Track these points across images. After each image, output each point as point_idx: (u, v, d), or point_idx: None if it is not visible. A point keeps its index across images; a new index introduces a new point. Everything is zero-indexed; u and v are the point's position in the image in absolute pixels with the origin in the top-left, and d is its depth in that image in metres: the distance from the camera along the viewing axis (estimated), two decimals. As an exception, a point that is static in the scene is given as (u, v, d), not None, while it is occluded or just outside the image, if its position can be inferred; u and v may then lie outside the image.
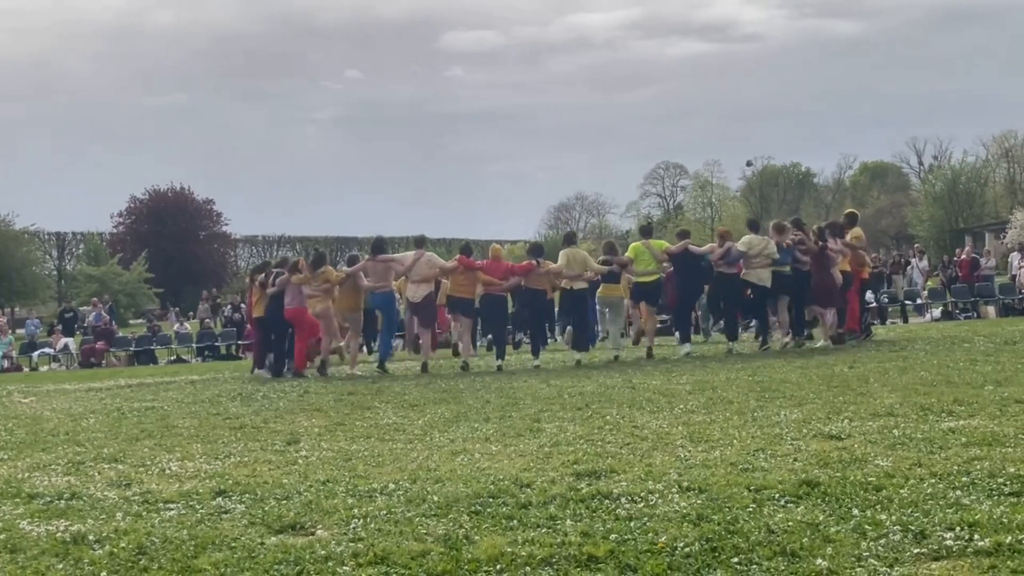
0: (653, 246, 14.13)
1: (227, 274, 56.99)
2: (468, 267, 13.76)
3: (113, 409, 10.30)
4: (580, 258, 13.76)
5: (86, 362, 23.91)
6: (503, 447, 6.45)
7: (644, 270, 14.00)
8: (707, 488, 4.82)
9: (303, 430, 7.80)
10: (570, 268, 13.54)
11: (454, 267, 13.78)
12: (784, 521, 4.19)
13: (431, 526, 4.45)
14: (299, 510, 4.86)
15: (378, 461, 6.17)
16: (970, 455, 5.24)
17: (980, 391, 7.73)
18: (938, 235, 52.56)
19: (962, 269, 25.38)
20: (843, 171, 79.27)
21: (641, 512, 4.48)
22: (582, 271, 13.68)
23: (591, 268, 13.80)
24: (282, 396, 10.69)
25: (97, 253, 50.41)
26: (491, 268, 13.77)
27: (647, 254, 13.96)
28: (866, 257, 14.27)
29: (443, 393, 10.26)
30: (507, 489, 5.05)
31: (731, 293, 14.10)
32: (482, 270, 13.74)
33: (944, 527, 3.98)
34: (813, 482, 4.80)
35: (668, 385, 9.70)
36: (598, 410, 8.02)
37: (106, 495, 5.47)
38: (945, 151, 69.23)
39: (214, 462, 6.44)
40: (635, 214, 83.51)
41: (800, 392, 8.42)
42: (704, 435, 6.42)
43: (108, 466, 6.47)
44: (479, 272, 13.73)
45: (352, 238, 68.30)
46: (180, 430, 8.19)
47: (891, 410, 6.99)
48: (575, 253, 13.77)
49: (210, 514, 4.91)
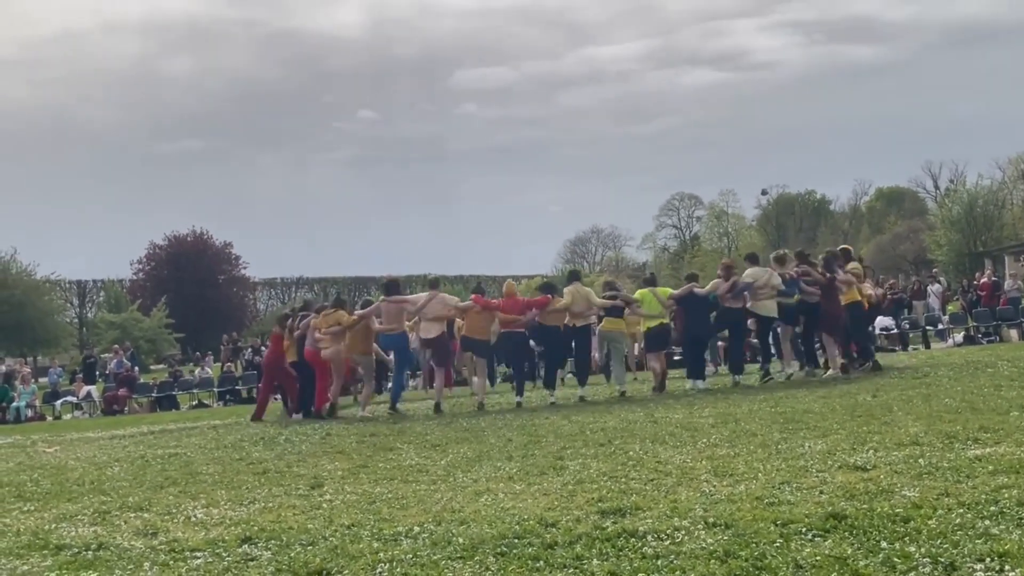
0: (660, 293, 14.19)
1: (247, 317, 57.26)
2: (485, 307, 13.81)
3: (137, 456, 10.34)
4: (585, 294, 13.86)
5: (109, 409, 24.01)
6: (527, 486, 6.44)
7: (650, 314, 14.04)
8: (733, 523, 4.80)
9: (326, 473, 7.80)
10: (576, 304, 13.62)
11: (469, 306, 13.83)
12: (812, 556, 4.16)
13: (457, 569, 4.45)
14: (325, 556, 4.87)
15: (402, 503, 6.17)
16: (998, 483, 5.19)
17: (1006, 417, 7.67)
18: (957, 259, 52.26)
19: (983, 292, 25.21)
20: (859, 197, 79.31)
21: (668, 550, 4.46)
22: (587, 307, 13.76)
23: (595, 303, 13.88)
24: (304, 439, 10.71)
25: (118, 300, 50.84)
26: (507, 306, 13.81)
27: (653, 300, 14.02)
28: (863, 291, 14.25)
29: (464, 432, 10.25)
30: (532, 529, 5.03)
31: (736, 327, 14.14)
32: (499, 309, 13.79)
33: (974, 558, 3.94)
34: (840, 515, 4.77)
35: (690, 419, 9.66)
36: (621, 445, 8.00)
37: (133, 545, 5.49)
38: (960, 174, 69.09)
39: (239, 508, 6.46)
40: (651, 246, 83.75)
41: (824, 423, 8.37)
42: (728, 469, 6.39)
43: (134, 515, 6.49)
44: (496, 311, 13.77)
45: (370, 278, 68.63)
46: (204, 476, 8.21)
47: (916, 439, 6.94)
48: (580, 290, 13.86)
49: (236, 562, 4.91)
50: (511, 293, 14.23)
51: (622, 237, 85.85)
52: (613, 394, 13.74)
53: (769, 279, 13.59)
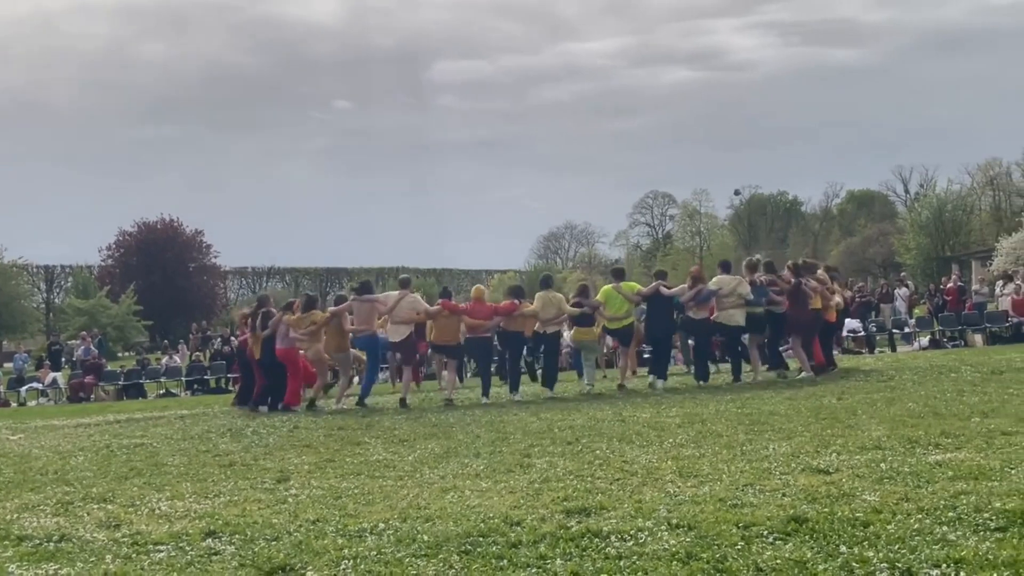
0: (624, 289, 14.17)
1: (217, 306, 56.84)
2: (452, 311, 13.84)
3: (102, 446, 10.27)
4: (555, 301, 13.90)
5: (75, 397, 23.80)
6: (493, 483, 6.46)
7: (614, 314, 14.07)
8: (696, 525, 4.84)
9: (293, 467, 7.79)
10: (545, 311, 13.66)
11: (437, 311, 13.85)
12: (772, 559, 4.21)
13: (421, 566, 4.46)
14: (289, 551, 4.86)
15: (368, 499, 6.17)
16: (957, 489, 5.27)
17: (967, 423, 7.78)
18: (925, 263, 52.80)
19: (950, 297, 25.50)
20: (830, 199, 79.85)
21: (631, 551, 4.49)
22: (557, 314, 13.80)
23: (564, 311, 13.92)
24: (272, 432, 10.67)
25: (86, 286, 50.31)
26: (475, 310, 13.82)
27: (618, 298, 14.03)
28: (830, 300, 14.40)
29: (433, 428, 10.26)
30: (497, 528, 5.06)
31: (701, 336, 14.21)
32: (466, 313, 13.81)
33: (931, 564, 4.01)
34: (801, 518, 4.82)
35: (658, 418, 9.72)
36: (588, 444, 8.04)
37: (95, 537, 5.46)
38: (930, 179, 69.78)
39: (204, 501, 6.44)
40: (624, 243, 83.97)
41: (789, 425, 8.46)
42: (693, 470, 6.45)
43: (97, 506, 6.46)
44: (464, 316, 13.79)
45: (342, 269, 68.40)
46: (169, 468, 8.17)
47: (879, 443, 7.03)
48: (551, 296, 13.90)
49: (200, 556, 4.90)
50: (479, 297, 14.24)
51: (595, 234, 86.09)
52: (582, 391, 13.77)
53: (736, 287, 13.67)
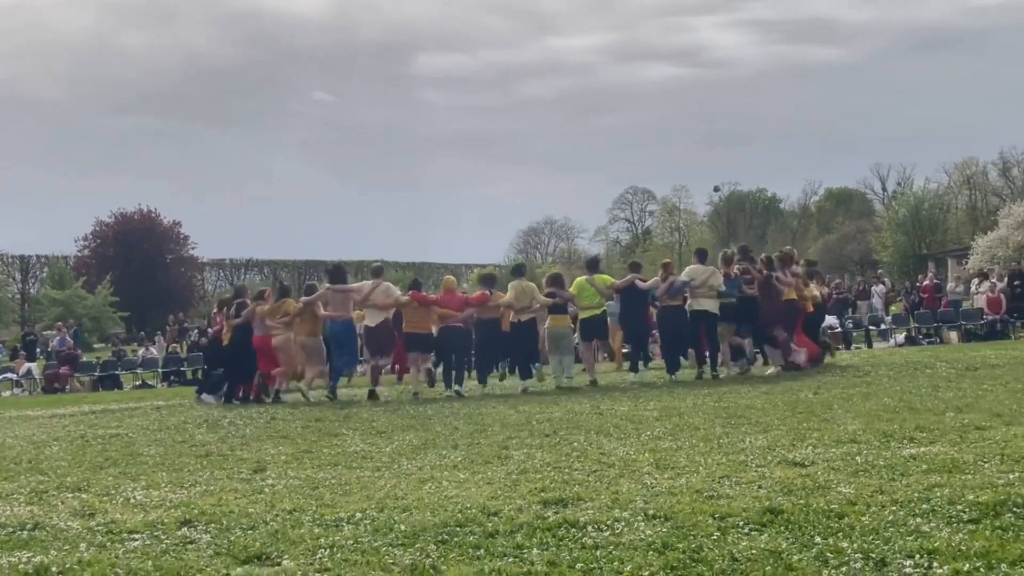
0: (597, 281, 14.18)
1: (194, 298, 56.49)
2: (422, 302, 13.80)
3: (77, 436, 10.20)
4: (528, 290, 13.86)
5: (50, 387, 23.64)
6: (471, 474, 6.47)
7: (587, 304, 14.08)
8: (672, 516, 4.87)
9: (270, 458, 7.76)
10: (519, 300, 13.64)
11: (407, 301, 13.83)
12: (748, 549, 4.23)
13: (398, 556, 4.46)
14: (265, 540, 4.85)
15: (345, 490, 6.16)
16: (930, 482, 5.32)
17: (941, 418, 7.85)
18: (902, 261, 53.20)
19: (925, 294, 25.71)
20: (808, 197, 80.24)
21: (607, 541, 4.51)
22: (530, 303, 13.78)
23: (537, 300, 13.89)
24: (249, 423, 10.63)
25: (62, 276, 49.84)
26: (445, 301, 13.81)
27: (590, 289, 14.04)
28: (805, 292, 14.46)
29: (411, 420, 10.25)
30: (474, 518, 5.06)
31: (675, 325, 14.25)
32: (436, 304, 13.80)
33: (904, 555, 4.04)
34: (777, 509, 4.85)
35: (635, 411, 9.75)
36: (566, 437, 8.06)
37: (70, 525, 5.42)
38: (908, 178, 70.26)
39: (180, 491, 6.41)
40: (604, 239, 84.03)
41: (765, 418, 8.51)
42: (670, 462, 6.47)
43: (72, 495, 6.41)
44: (434, 306, 13.77)
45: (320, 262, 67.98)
46: (145, 458, 8.13)
47: (854, 437, 7.08)
48: (524, 285, 13.87)
49: (175, 544, 4.88)
50: (450, 288, 14.20)
51: (575, 229, 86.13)
52: (560, 384, 13.77)
53: (708, 278, 13.73)
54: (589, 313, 14.17)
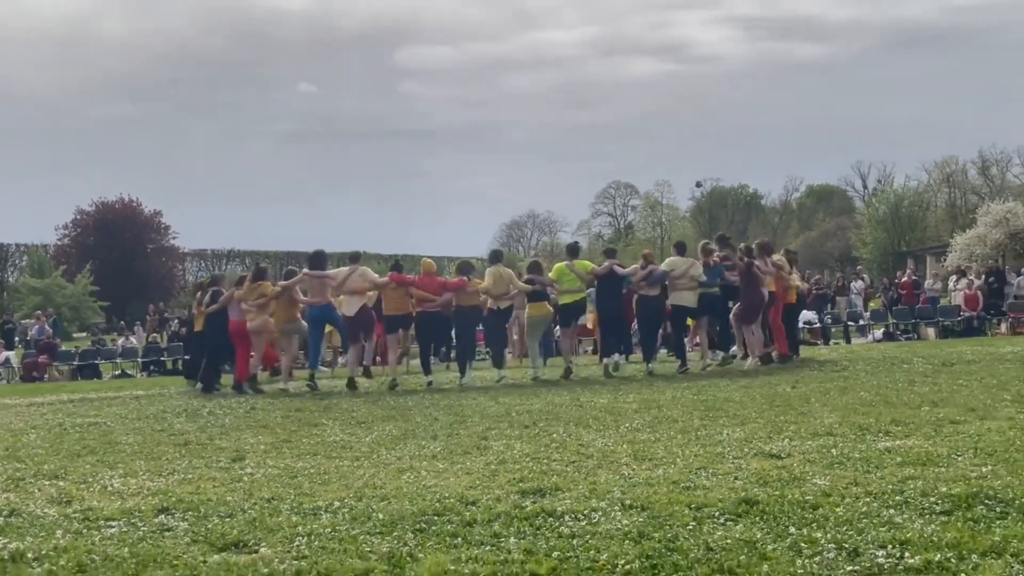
0: (577, 267, 14.18)
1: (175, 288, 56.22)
2: (400, 282, 13.73)
3: (55, 424, 10.16)
4: (506, 276, 13.78)
5: (28, 376, 23.47)
6: (450, 464, 6.49)
7: (567, 289, 14.06)
8: (649, 506, 4.90)
9: (249, 447, 7.76)
10: (496, 287, 13.59)
11: (386, 283, 13.78)
12: (723, 539, 4.27)
13: (375, 544, 4.47)
14: (243, 528, 4.85)
15: (324, 479, 6.17)
16: (904, 475, 5.38)
17: (917, 412, 7.92)
18: (881, 258, 53.57)
19: (904, 291, 25.89)
20: (790, 193, 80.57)
21: (584, 530, 4.54)
22: (507, 289, 13.74)
23: (515, 286, 13.83)
24: (228, 412, 10.61)
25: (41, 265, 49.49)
26: (424, 283, 13.72)
27: (570, 275, 14.02)
28: (790, 281, 14.51)
29: (391, 410, 10.26)
30: (452, 507, 5.08)
31: (652, 315, 14.29)
32: (414, 285, 13.71)
33: (877, 545, 4.09)
34: (752, 500, 4.90)
35: (615, 403, 9.79)
36: (545, 428, 8.08)
37: (46, 512, 5.41)
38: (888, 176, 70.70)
39: (157, 479, 6.40)
40: (586, 232, 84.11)
41: (743, 411, 8.56)
42: (648, 453, 6.51)
43: (48, 483, 6.39)
44: (412, 288, 13.71)
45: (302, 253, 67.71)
46: (123, 446, 8.11)
47: (830, 430, 7.14)
48: (501, 271, 13.77)
49: (152, 532, 4.88)
50: (429, 271, 14.06)
51: (558, 223, 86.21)
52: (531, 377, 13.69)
53: (688, 269, 13.76)
54: (570, 299, 14.13)
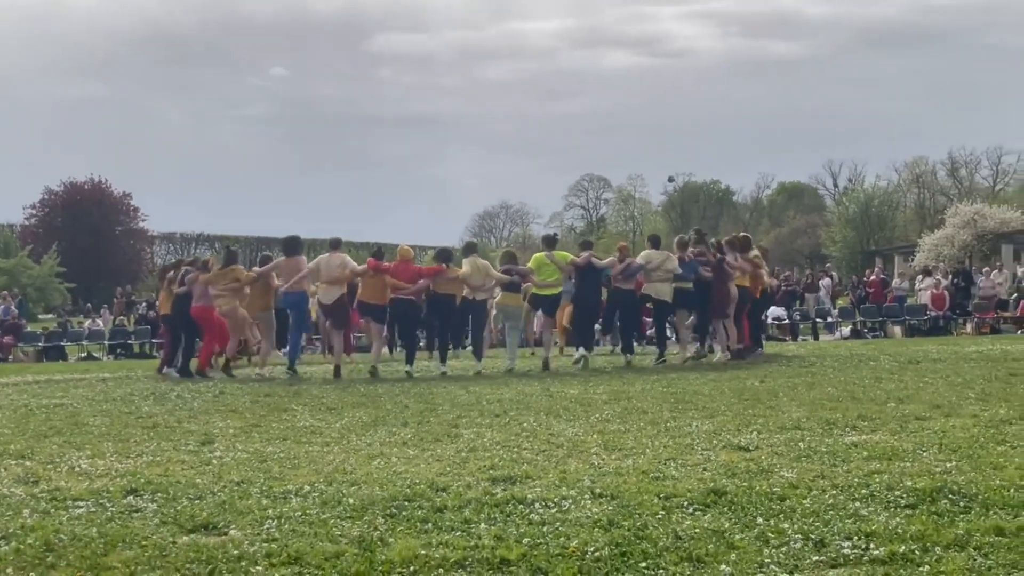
0: (556, 258, 14.17)
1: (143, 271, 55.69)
2: (376, 270, 13.59)
3: (20, 405, 10.06)
4: (483, 267, 13.70)
5: (-9, 357, 23.21)
6: (420, 451, 6.50)
7: (545, 281, 14.06)
8: (619, 495, 4.94)
9: (218, 431, 7.72)
10: (473, 277, 13.55)
11: (364, 270, 13.67)
12: (691, 528, 4.31)
13: (346, 528, 4.48)
14: (212, 510, 4.84)
15: (294, 463, 6.16)
16: (870, 468, 5.45)
17: (883, 407, 8.02)
18: (850, 256, 54.09)
19: (872, 289, 26.17)
20: (761, 190, 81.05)
21: (554, 517, 4.57)
22: (484, 280, 13.71)
23: (492, 276, 13.80)
24: (197, 396, 10.55)
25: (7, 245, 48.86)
26: (399, 270, 13.60)
27: (549, 266, 14.00)
28: (763, 277, 14.61)
29: (361, 397, 10.24)
30: (423, 493, 5.09)
31: (628, 308, 14.33)
32: (390, 272, 13.59)
33: (843, 536, 4.14)
34: (720, 491, 4.95)
35: (585, 394, 9.83)
36: (515, 417, 8.11)
37: (12, 492, 5.37)
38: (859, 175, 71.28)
39: (125, 461, 6.36)
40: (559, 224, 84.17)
41: (712, 404, 8.63)
42: (618, 444, 6.55)
43: (15, 463, 6.34)
44: (387, 275, 13.63)
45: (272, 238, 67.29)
46: (90, 428, 8.04)
47: (798, 424, 7.22)
48: (477, 262, 13.67)
49: (121, 512, 4.85)
50: (405, 258, 13.95)
51: (530, 214, 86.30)
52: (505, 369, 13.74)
53: (663, 262, 13.79)
54: (548, 291, 14.11)
